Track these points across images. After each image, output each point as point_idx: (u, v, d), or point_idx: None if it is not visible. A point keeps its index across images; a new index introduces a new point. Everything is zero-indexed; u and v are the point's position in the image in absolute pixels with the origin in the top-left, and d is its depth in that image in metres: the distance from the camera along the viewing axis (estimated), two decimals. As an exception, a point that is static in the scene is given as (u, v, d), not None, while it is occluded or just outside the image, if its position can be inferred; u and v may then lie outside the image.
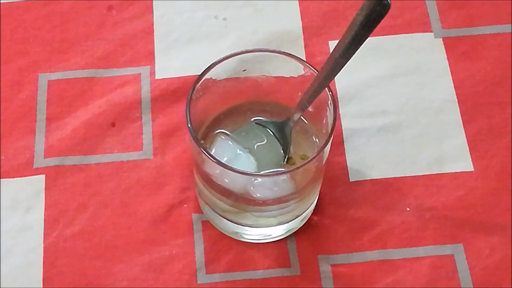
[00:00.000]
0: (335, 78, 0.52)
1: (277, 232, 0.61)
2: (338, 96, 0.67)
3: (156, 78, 0.68)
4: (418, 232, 0.62)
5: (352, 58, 0.50)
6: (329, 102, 0.54)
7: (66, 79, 0.68)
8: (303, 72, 0.56)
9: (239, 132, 0.58)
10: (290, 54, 0.56)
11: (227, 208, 0.59)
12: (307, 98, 0.54)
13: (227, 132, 0.58)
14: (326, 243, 0.61)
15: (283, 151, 0.57)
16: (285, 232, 0.61)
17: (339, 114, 0.66)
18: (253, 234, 0.61)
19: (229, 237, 0.62)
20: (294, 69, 0.57)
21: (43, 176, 0.64)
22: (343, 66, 0.51)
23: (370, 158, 0.65)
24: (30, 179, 0.64)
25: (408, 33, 0.70)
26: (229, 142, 0.57)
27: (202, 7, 0.72)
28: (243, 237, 0.61)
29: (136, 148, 0.65)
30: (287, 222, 0.60)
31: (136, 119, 0.66)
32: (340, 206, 0.63)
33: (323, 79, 0.52)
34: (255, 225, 0.60)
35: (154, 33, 0.70)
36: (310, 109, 0.56)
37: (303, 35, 0.70)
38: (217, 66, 0.55)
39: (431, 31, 0.70)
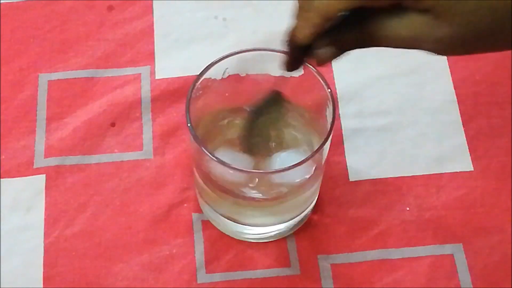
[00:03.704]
0: (335, 77, 0.53)
1: (277, 231, 0.61)
2: (338, 96, 0.67)
3: (156, 78, 0.68)
4: (418, 232, 0.62)
5: (351, 57, 0.50)
6: (329, 101, 0.55)
7: (66, 79, 0.68)
8: (303, 72, 0.56)
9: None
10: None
11: (227, 207, 0.59)
12: None
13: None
14: (326, 242, 0.61)
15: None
16: (285, 232, 0.61)
17: (339, 114, 0.66)
18: (253, 233, 0.61)
19: (229, 236, 0.62)
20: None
21: (43, 176, 0.64)
22: None
23: (370, 158, 0.65)
24: (31, 179, 0.64)
25: (408, 33, 0.70)
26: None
27: (202, 7, 0.72)
28: (243, 237, 0.61)
29: (136, 148, 0.65)
30: (287, 221, 0.60)
31: (136, 119, 0.66)
32: (340, 205, 0.63)
33: None
34: (255, 225, 0.60)
35: (154, 33, 0.70)
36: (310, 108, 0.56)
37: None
38: (216, 65, 0.55)
39: (431, 31, 0.70)
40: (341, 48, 0.49)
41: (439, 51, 0.47)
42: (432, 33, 0.45)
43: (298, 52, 0.50)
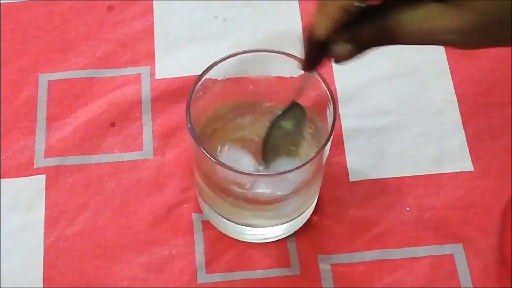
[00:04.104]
0: (335, 77, 0.52)
1: (277, 232, 0.61)
2: (338, 96, 0.67)
3: (156, 78, 0.68)
4: (418, 232, 0.62)
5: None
6: (329, 102, 0.55)
7: (66, 79, 0.68)
8: (303, 72, 0.56)
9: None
10: (290, 54, 0.56)
11: (227, 208, 0.59)
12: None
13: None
14: (326, 243, 0.61)
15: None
16: (285, 232, 0.61)
17: (339, 114, 0.66)
18: (253, 234, 0.61)
19: (229, 237, 0.62)
20: (294, 69, 0.57)
21: (43, 176, 0.64)
22: None
23: (370, 158, 0.65)
24: (31, 179, 0.64)
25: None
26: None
27: (202, 7, 0.72)
28: (243, 237, 0.61)
29: (136, 148, 0.65)
30: (287, 222, 0.60)
31: (136, 119, 0.66)
32: (340, 206, 0.63)
33: None
34: (255, 225, 0.60)
35: (154, 33, 0.70)
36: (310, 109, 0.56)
37: (303, 35, 0.70)
38: (217, 66, 0.55)
39: (431, 31, 0.70)
40: (359, 45, 0.47)
41: (460, 43, 0.45)
42: (453, 22, 0.43)
43: (317, 50, 0.49)
